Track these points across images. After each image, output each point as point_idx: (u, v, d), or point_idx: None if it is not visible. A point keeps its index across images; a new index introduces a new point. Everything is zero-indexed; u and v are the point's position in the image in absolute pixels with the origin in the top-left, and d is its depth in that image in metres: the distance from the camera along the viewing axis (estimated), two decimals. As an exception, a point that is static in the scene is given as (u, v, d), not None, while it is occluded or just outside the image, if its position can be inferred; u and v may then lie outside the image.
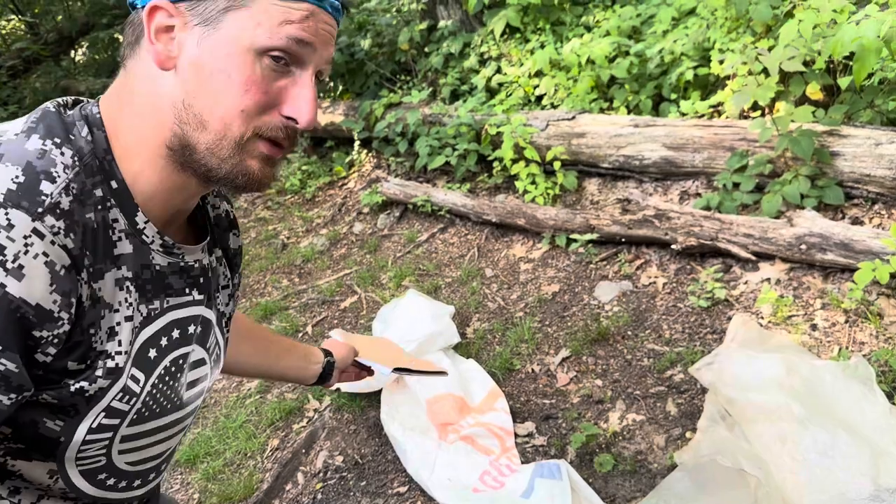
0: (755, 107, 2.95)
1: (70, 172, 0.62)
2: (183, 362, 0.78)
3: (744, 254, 2.47)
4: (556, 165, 3.30)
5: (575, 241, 2.92)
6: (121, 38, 0.72)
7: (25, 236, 0.57)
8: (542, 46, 3.98)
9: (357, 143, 4.39)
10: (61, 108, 0.68)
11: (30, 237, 0.57)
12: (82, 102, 0.71)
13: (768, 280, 2.40)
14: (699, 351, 2.22)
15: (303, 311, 3.17)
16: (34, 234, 0.58)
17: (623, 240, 2.84)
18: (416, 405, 2.18)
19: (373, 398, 2.34)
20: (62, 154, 0.63)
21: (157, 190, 0.69)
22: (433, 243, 3.46)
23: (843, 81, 2.60)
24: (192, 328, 0.78)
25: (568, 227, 2.97)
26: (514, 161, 3.44)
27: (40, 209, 0.59)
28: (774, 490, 1.54)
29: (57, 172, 0.61)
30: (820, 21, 2.46)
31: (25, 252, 0.57)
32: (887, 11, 2.09)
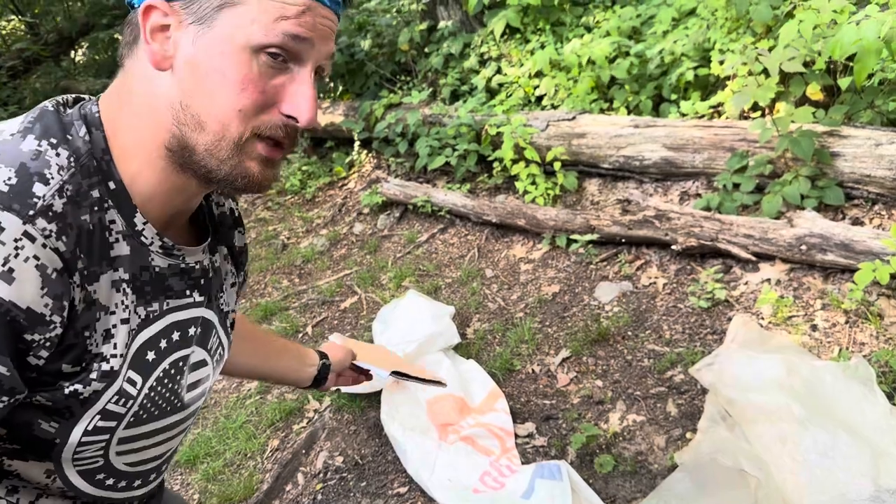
0: (755, 107, 2.95)
1: (65, 174, 0.62)
2: (183, 365, 0.77)
3: (744, 254, 2.47)
4: (557, 166, 3.30)
5: (575, 241, 2.92)
6: (120, 38, 0.71)
7: (16, 239, 0.56)
8: (542, 47, 3.98)
9: (357, 144, 4.39)
10: (60, 106, 0.67)
11: (20, 240, 0.57)
12: (82, 101, 0.70)
13: (768, 281, 2.40)
14: (699, 351, 2.22)
15: (303, 311, 3.17)
16: (25, 237, 0.57)
17: (623, 240, 2.84)
18: (417, 405, 2.18)
19: (373, 399, 2.34)
20: (58, 155, 0.62)
21: (156, 191, 0.68)
22: (433, 244, 3.46)
23: (844, 82, 2.60)
24: (193, 330, 0.77)
25: (568, 227, 2.97)
26: (515, 161, 3.44)
27: (31, 212, 0.58)
28: (774, 491, 1.54)
29: (51, 174, 0.61)
30: (820, 21, 2.46)
31: (16, 255, 0.56)
32: (887, 12, 2.09)
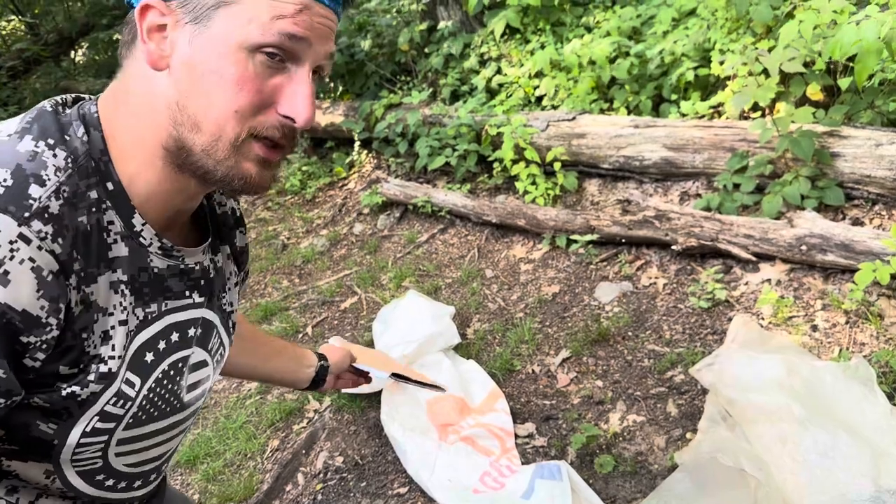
0: (755, 107, 2.95)
1: (62, 175, 0.61)
2: (182, 366, 0.76)
3: (744, 255, 2.47)
4: (557, 166, 3.30)
5: (575, 241, 2.92)
6: (120, 38, 0.71)
7: (11, 242, 0.56)
8: (542, 47, 3.98)
9: (357, 144, 4.39)
10: (59, 106, 0.67)
11: (16, 242, 0.56)
12: (82, 101, 0.69)
13: (769, 281, 2.40)
14: (700, 352, 2.22)
15: (303, 311, 3.17)
16: (20, 239, 0.57)
17: (623, 240, 2.84)
18: (417, 406, 2.18)
19: (373, 399, 2.34)
20: (55, 156, 0.62)
21: (154, 191, 0.68)
22: (433, 244, 3.46)
23: (844, 82, 2.61)
24: (192, 331, 0.77)
25: (568, 227, 2.97)
26: (515, 162, 3.44)
27: (27, 214, 0.58)
28: (775, 491, 1.54)
29: (47, 175, 0.60)
30: (820, 22, 2.46)
31: (11, 258, 0.56)
32: (888, 12, 2.09)
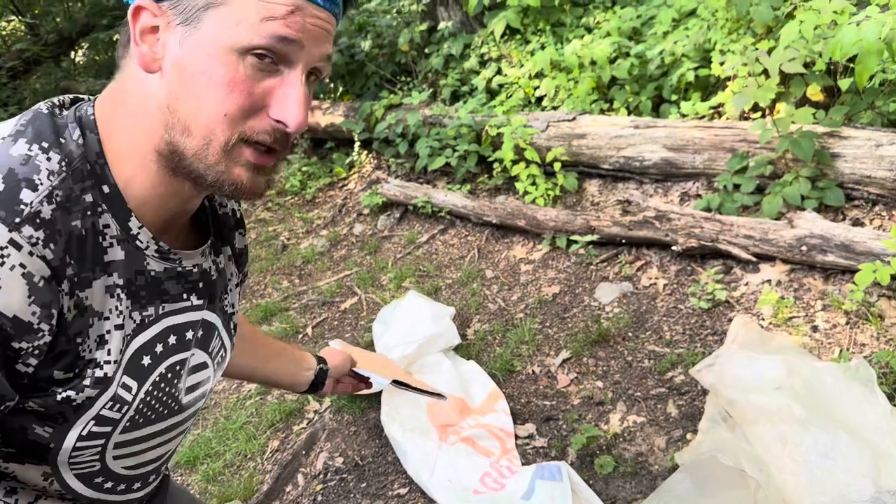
0: (756, 108, 2.95)
1: (55, 179, 0.60)
2: (180, 368, 0.76)
3: (744, 255, 2.47)
4: (557, 167, 3.30)
5: (575, 242, 2.92)
6: (119, 38, 0.70)
7: (1, 248, 0.56)
8: (542, 48, 3.98)
9: (357, 145, 4.39)
10: (56, 108, 0.66)
11: (6, 248, 0.56)
12: (80, 102, 0.69)
13: (769, 281, 2.40)
14: (700, 352, 2.22)
15: (303, 312, 3.17)
16: (11, 245, 0.56)
17: (623, 241, 2.84)
18: (417, 407, 2.17)
19: (373, 400, 2.34)
20: (48, 160, 0.61)
21: (150, 195, 0.67)
22: (433, 244, 3.46)
23: (844, 83, 2.61)
24: (191, 333, 0.77)
25: (568, 228, 2.97)
26: (515, 162, 3.44)
27: (18, 219, 0.57)
28: (775, 491, 1.54)
29: (40, 179, 0.59)
30: (821, 22, 2.46)
31: (1, 264, 0.55)
32: (888, 13, 2.09)
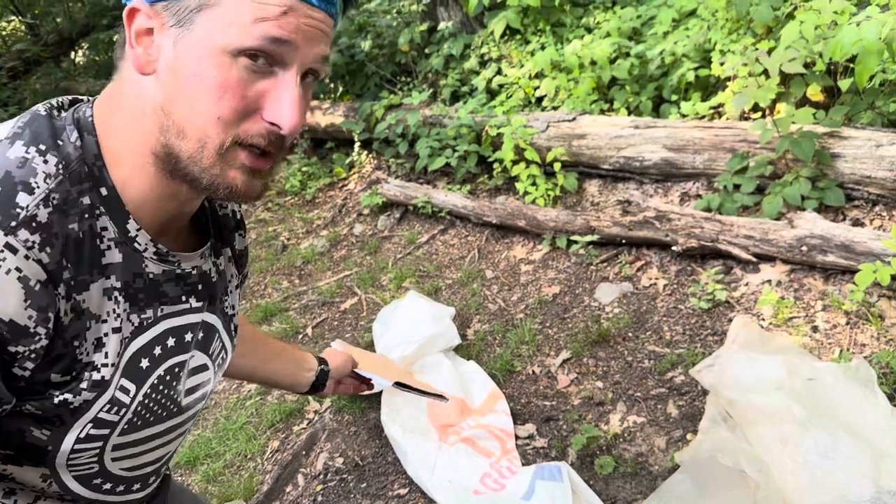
0: (756, 108, 2.95)
1: (52, 182, 0.60)
2: (180, 370, 0.76)
3: (744, 255, 2.47)
4: (557, 167, 3.30)
5: (575, 242, 2.92)
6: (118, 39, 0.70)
7: None
8: (542, 48, 3.98)
9: (357, 145, 4.39)
10: (54, 110, 0.66)
11: (2, 252, 0.55)
12: (79, 103, 0.68)
13: (769, 282, 2.40)
14: (700, 353, 2.22)
15: (303, 312, 3.17)
16: (6, 248, 0.56)
17: (623, 241, 2.84)
18: (417, 407, 2.17)
19: (373, 400, 2.34)
20: (45, 162, 0.61)
21: (147, 197, 0.67)
22: (433, 245, 3.46)
23: (844, 83, 2.60)
24: (190, 336, 0.76)
25: (568, 228, 2.97)
26: (515, 162, 3.44)
27: (14, 223, 0.57)
28: (775, 492, 1.54)
29: (36, 183, 0.59)
30: (821, 22, 2.46)
31: None
32: (888, 13, 2.09)
